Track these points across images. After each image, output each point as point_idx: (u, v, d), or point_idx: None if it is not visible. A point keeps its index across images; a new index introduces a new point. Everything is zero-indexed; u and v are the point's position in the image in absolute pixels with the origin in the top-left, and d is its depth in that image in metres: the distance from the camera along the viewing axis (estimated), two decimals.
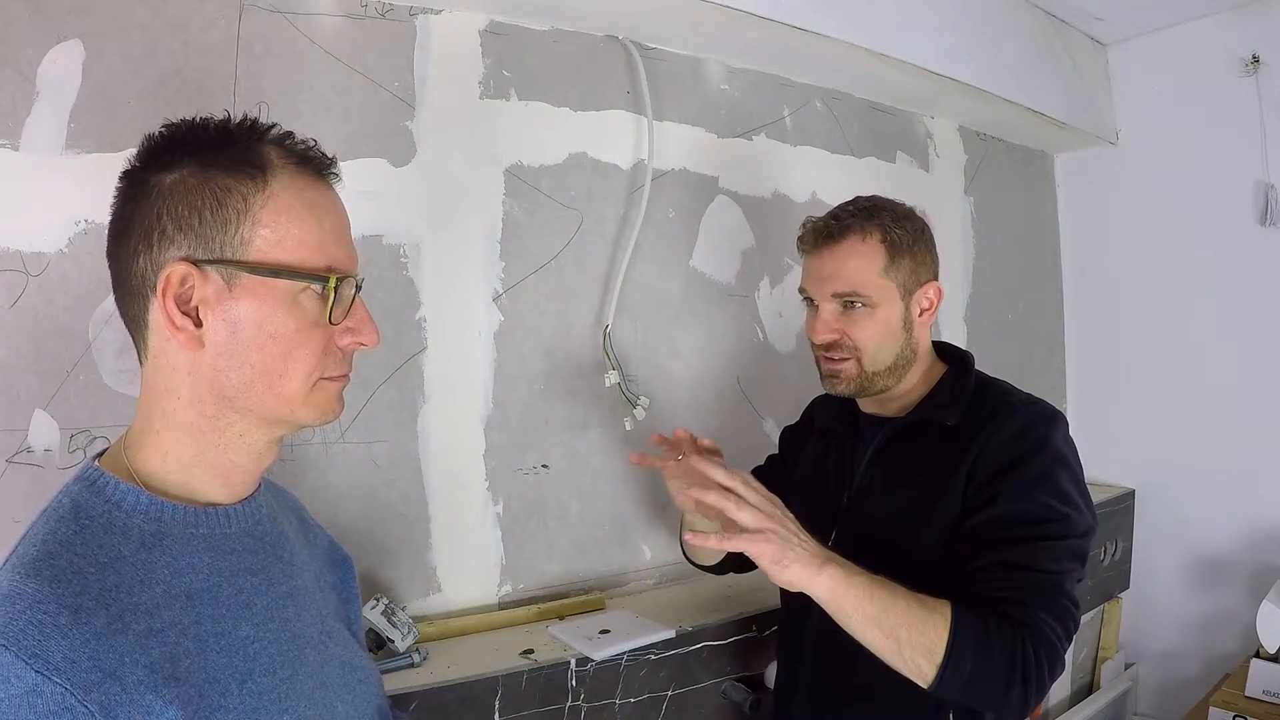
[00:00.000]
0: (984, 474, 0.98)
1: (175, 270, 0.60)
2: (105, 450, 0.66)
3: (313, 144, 0.67)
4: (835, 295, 1.05)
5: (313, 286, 0.63)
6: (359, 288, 0.67)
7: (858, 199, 1.10)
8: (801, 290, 1.12)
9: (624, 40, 1.53)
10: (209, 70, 1.14)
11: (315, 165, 0.66)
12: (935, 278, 1.10)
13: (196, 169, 0.61)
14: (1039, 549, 0.92)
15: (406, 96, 1.31)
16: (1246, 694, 1.74)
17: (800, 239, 1.11)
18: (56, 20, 1.04)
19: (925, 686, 0.86)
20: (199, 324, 0.61)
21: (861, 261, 1.04)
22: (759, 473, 1.38)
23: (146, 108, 1.08)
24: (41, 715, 0.48)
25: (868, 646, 0.87)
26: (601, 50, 1.52)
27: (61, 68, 1.04)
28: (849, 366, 1.06)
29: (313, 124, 1.20)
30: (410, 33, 1.31)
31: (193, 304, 0.61)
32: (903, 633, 0.85)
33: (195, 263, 0.60)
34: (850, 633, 0.87)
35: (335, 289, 0.64)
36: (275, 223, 0.61)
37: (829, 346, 1.07)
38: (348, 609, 0.83)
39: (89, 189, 1.05)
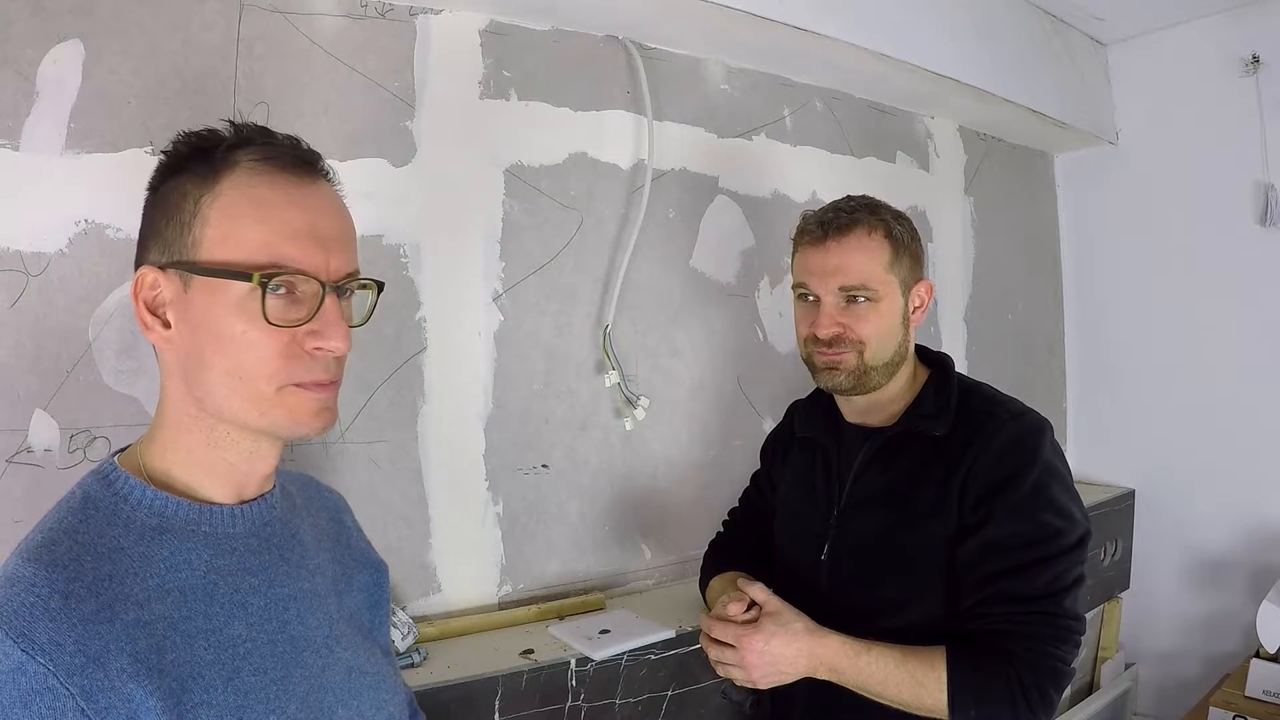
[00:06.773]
0: (976, 492, 0.98)
1: (143, 275, 0.62)
2: (127, 447, 0.68)
3: (286, 141, 0.65)
4: (842, 289, 1.03)
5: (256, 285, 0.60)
6: (340, 290, 0.64)
7: (852, 196, 1.10)
8: (800, 285, 1.08)
9: (624, 40, 1.53)
10: (209, 70, 1.13)
11: (281, 162, 0.63)
12: (925, 277, 1.11)
13: (170, 178, 0.63)
14: (1039, 570, 0.94)
15: (406, 96, 1.30)
16: (1246, 694, 1.74)
17: (802, 231, 1.09)
18: (56, 20, 1.03)
19: None
20: (168, 326, 0.62)
21: (868, 255, 1.03)
22: (746, 497, 1.37)
23: (146, 108, 1.08)
24: (25, 692, 0.50)
25: None
26: (601, 50, 1.52)
27: (61, 68, 1.04)
28: (849, 358, 1.04)
29: (313, 124, 1.20)
30: (410, 33, 1.31)
31: (161, 307, 0.63)
32: (902, 702, 0.95)
33: (161, 267, 0.62)
34: None
35: (265, 286, 0.60)
36: (220, 222, 0.61)
37: (830, 341, 1.04)
38: (373, 614, 0.83)
39: (89, 189, 1.05)
